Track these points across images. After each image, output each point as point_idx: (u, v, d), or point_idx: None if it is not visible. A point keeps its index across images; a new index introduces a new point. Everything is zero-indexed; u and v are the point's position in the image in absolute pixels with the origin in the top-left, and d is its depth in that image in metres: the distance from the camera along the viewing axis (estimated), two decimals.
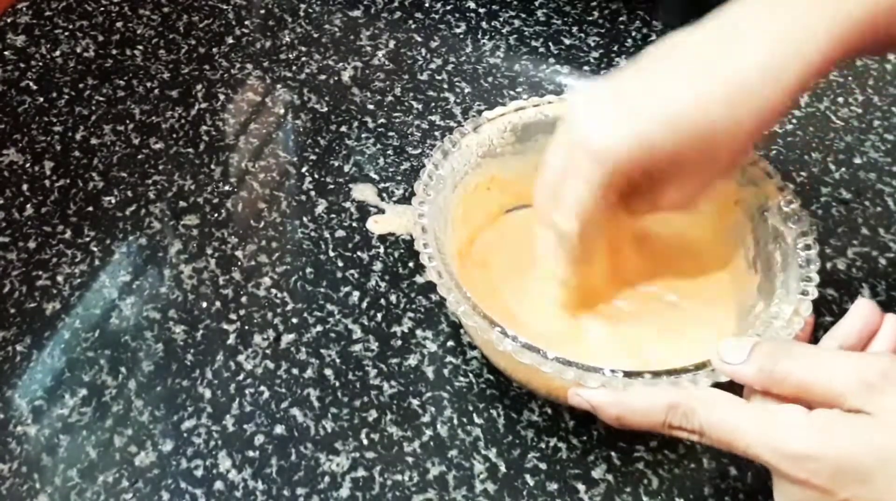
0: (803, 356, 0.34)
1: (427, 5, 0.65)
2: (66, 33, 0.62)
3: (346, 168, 0.54)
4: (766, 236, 0.44)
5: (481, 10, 0.64)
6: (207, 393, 0.44)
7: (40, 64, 0.60)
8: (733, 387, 0.36)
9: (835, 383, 0.33)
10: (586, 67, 0.61)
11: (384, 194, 0.53)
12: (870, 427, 0.31)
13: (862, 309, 0.37)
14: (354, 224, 0.51)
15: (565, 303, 0.44)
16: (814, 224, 0.45)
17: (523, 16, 0.64)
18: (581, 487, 0.41)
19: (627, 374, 0.37)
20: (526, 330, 0.39)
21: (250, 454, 0.42)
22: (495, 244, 0.48)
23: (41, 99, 0.58)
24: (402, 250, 0.50)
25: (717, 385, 0.36)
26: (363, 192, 0.53)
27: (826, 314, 0.48)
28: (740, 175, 0.45)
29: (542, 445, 0.42)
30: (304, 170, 0.54)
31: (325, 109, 0.58)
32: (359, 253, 0.50)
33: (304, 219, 0.52)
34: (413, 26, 0.63)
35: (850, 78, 0.60)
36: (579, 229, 0.40)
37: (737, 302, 0.45)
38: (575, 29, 0.64)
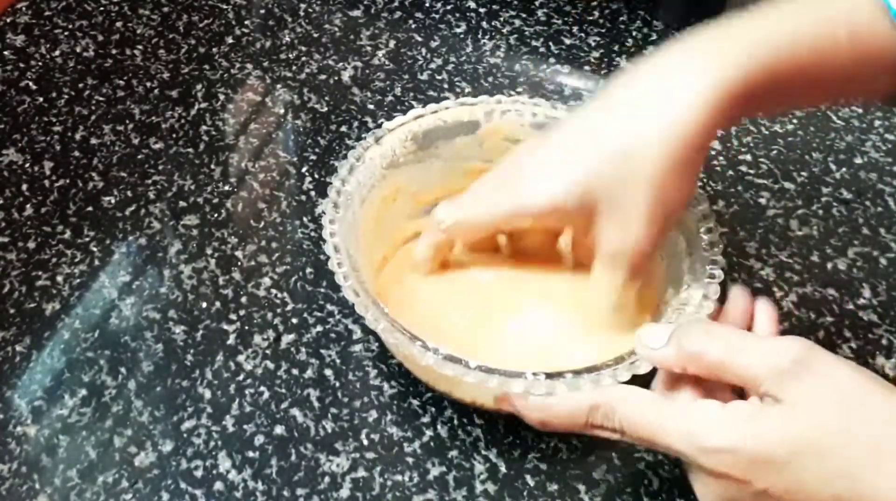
0: (720, 336, 0.35)
1: (427, 5, 0.65)
2: (66, 33, 0.62)
3: None
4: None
5: (482, 10, 0.64)
6: (207, 394, 0.44)
7: (40, 64, 0.60)
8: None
9: (749, 366, 0.34)
10: (587, 67, 0.61)
11: None
12: (781, 418, 0.32)
13: (739, 298, 0.39)
14: None
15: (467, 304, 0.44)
16: (714, 205, 0.47)
17: (524, 16, 0.64)
18: (581, 487, 0.41)
19: (550, 375, 0.37)
20: (446, 339, 0.39)
21: (250, 454, 0.42)
22: (407, 260, 0.48)
23: (41, 99, 0.58)
24: None
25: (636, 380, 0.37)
26: None
27: (827, 314, 0.48)
28: None
29: (543, 445, 0.42)
30: (304, 170, 0.54)
31: (325, 109, 0.58)
32: None
33: (304, 219, 0.52)
34: (413, 26, 0.63)
35: None
36: (449, 228, 0.43)
37: (645, 292, 0.44)
38: (575, 29, 0.63)
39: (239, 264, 0.49)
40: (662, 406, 0.35)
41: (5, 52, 0.61)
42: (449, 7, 0.64)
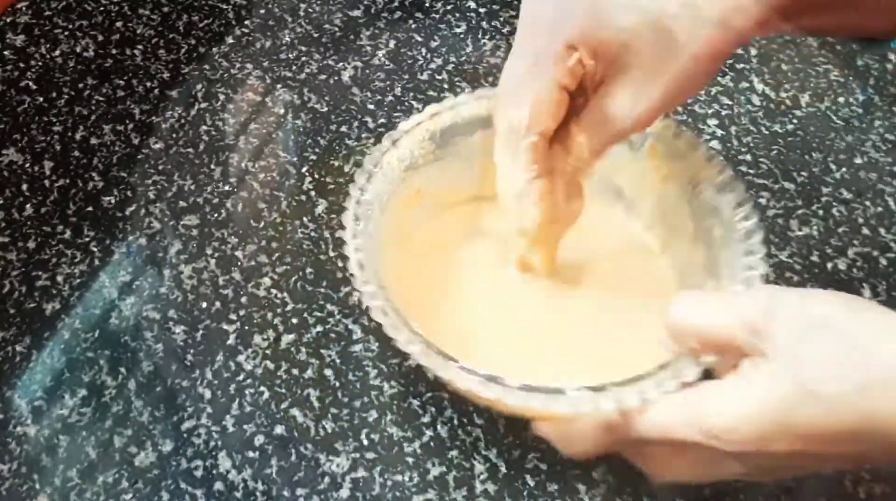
0: (694, 303, 0.35)
1: (427, 5, 0.65)
2: (66, 33, 0.62)
3: (346, 168, 0.54)
4: (703, 211, 0.42)
5: (482, 10, 0.64)
6: (207, 394, 0.44)
7: (40, 64, 0.60)
8: None
9: (724, 332, 0.33)
10: None
11: None
12: (765, 382, 0.32)
13: None
14: None
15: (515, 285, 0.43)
16: (749, 192, 0.44)
17: None
18: (582, 487, 0.41)
19: (593, 389, 0.35)
20: (477, 352, 0.38)
21: (250, 454, 0.42)
22: (427, 258, 0.46)
23: (41, 99, 0.58)
24: None
25: None
26: None
27: None
28: (664, 148, 0.44)
29: (543, 445, 0.42)
30: (304, 170, 0.54)
31: (325, 109, 0.58)
32: None
33: (304, 219, 0.52)
34: (413, 26, 0.63)
35: (850, 77, 0.60)
36: (538, 123, 0.39)
37: (683, 285, 0.43)
38: None
39: (239, 264, 0.49)
40: (668, 404, 0.34)
41: (5, 52, 0.61)
42: (449, 7, 0.64)
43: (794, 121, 0.57)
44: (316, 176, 0.54)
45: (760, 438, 0.32)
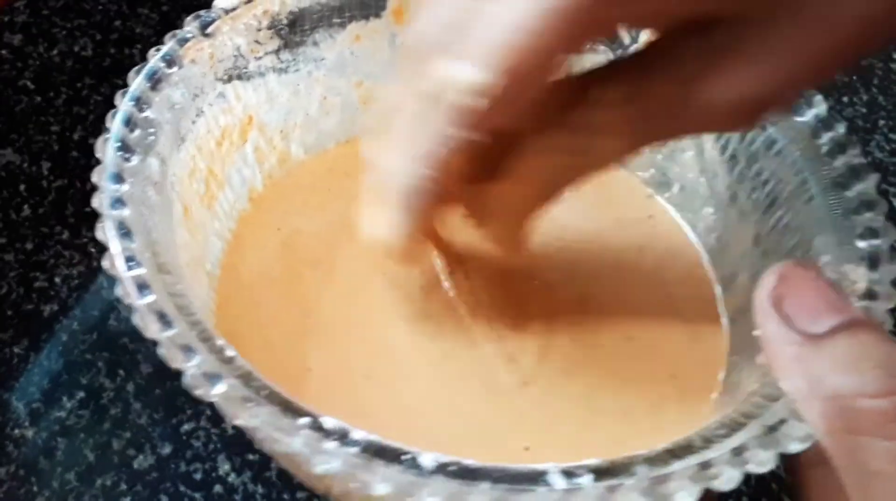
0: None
1: None
2: (64, 32, 0.62)
3: None
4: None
5: None
6: None
7: (38, 63, 0.60)
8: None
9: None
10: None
11: None
12: None
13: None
14: None
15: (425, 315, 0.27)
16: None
17: None
18: None
19: (599, 474, 0.20)
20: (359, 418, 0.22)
21: (250, 457, 0.42)
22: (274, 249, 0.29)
23: (38, 98, 0.57)
24: None
25: None
26: None
27: None
28: None
29: None
30: None
31: None
32: None
33: None
34: None
35: (854, 77, 0.60)
36: (498, 82, 0.21)
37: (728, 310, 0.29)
38: None
39: None
40: None
41: (3, 52, 0.60)
42: None
43: None
44: None
45: None
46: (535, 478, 0.20)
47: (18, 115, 0.56)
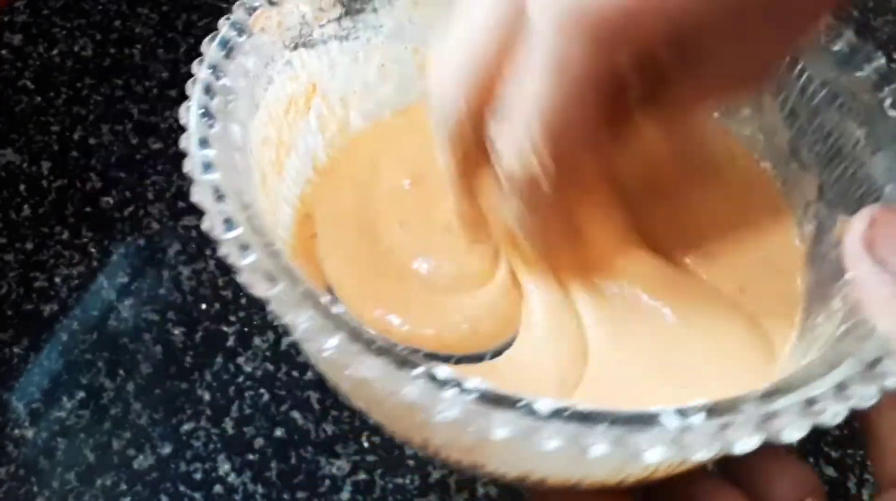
0: None
1: None
2: (64, 32, 0.62)
3: None
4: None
5: None
6: (207, 396, 0.44)
7: (38, 63, 0.60)
8: None
9: None
10: None
11: None
12: None
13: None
14: None
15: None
16: None
17: None
18: None
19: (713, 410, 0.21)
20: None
21: (250, 457, 0.42)
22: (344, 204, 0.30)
23: (38, 98, 0.57)
24: None
25: None
26: None
27: None
28: None
29: None
30: None
31: None
32: None
33: None
34: None
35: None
36: (549, 152, 0.24)
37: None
38: None
39: None
40: None
41: (3, 52, 0.60)
42: None
43: None
44: None
45: None
46: (650, 419, 0.20)
47: (18, 115, 0.56)
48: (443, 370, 0.21)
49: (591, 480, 0.24)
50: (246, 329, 0.46)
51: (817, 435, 0.43)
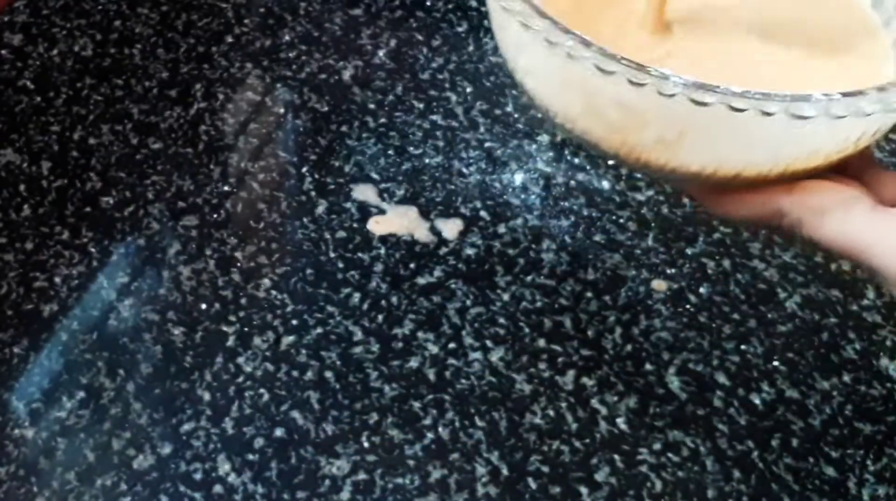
0: None
1: (428, 4, 0.64)
2: (64, 32, 0.62)
3: (347, 168, 0.54)
4: None
5: (483, 9, 0.64)
6: (206, 396, 0.44)
7: (38, 63, 0.60)
8: None
9: None
10: None
11: (385, 195, 0.52)
12: None
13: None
14: (355, 225, 0.51)
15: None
16: None
17: None
18: (584, 490, 0.41)
19: (796, 98, 0.28)
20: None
21: (250, 457, 0.42)
22: None
23: (38, 98, 0.57)
24: (403, 252, 0.50)
25: None
26: (364, 192, 0.53)
27: (831, 315, 0.47)
28: None
29: (545, 448, 0.42)
30: (304, 170, 0.54)
31: (326, 108, 0.57)
32: (359, 254, 0.50)
33: (304, 220, 0.51)
34: (414, 25, 0.63)
35: None
36: None
37: None
38: None
39: (238, 265, 0.49)
40: (863, 221, 0.30)
41: (3, 52, 0.60)
42: (450, 6, 0.64)
43: None
44: (316, 176, 0.53)
45: None
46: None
47: (18, 115, 0.56)
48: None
49: (778, 169, 0.30)
50: (246, 329, 0.46)
51: (817, 435, 0.43)
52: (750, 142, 0.30)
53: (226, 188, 0.53)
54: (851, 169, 0.32)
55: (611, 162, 0.46)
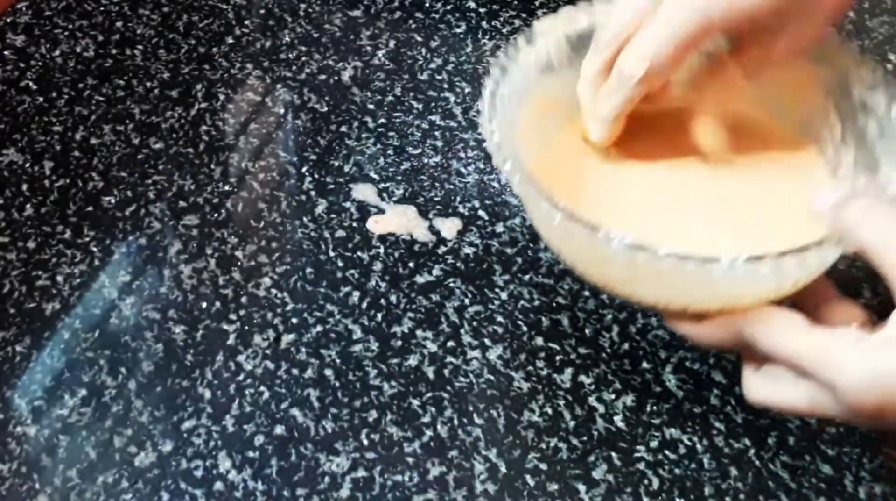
0: (877, 219, 0.34)
1: (427, 5, 0.65)
2: (66, 33, 0.62)
3: (346, 168, 0.54)
4: (852, 111, 0.42)
5: (482, 10, 0.64)
6: (207, 393, 0.44)
7: (40, 64, 0.60)
8: None
9: (880, 254, 0.33)
10: None
11: (384, 194, 0.53)
12: None
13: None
14: (354, 224, 0.51)
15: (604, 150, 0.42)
16: None
17: (524, 15, 0.64)
18: (581, 487, 0.41)
19: (751, 259, 0.33)
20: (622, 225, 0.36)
21: (250, 454, 0.42)
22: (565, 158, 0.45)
23: (41, 99, 0.58)
24: (402, 251, 0.50)
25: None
26: (363, 192, 0.53)
27: None
28: (811, 52, 0.43)
29: (543, 445, 0.42)
30: (304, 170, 0.54)
31: (325, 109, 0.58)
32: (359, 253, 0.50)
33: (304, 219, 0.52)
34: (413, 26, 0.63)
35: None
36: (646, 72, 0.38)
37: (832, 180, 0.43)
38: None
39: (239, 264, 0.49)
40: (800, 336, 0.33)
41: (5, 52, 0.61)
42: (449, 7, 0.64)
43: None
44: (316, 176, 0.54)
45: (880, 408, 0.30)
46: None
47: (21, 115, 0.57)
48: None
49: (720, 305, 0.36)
50: (246, 328, 0.46)
51: (813, 433, 0.43)
52: (684, 286, 0.35)
53: (226, 188, 0.53)
54: (807, 295, 0.37)
55: None
